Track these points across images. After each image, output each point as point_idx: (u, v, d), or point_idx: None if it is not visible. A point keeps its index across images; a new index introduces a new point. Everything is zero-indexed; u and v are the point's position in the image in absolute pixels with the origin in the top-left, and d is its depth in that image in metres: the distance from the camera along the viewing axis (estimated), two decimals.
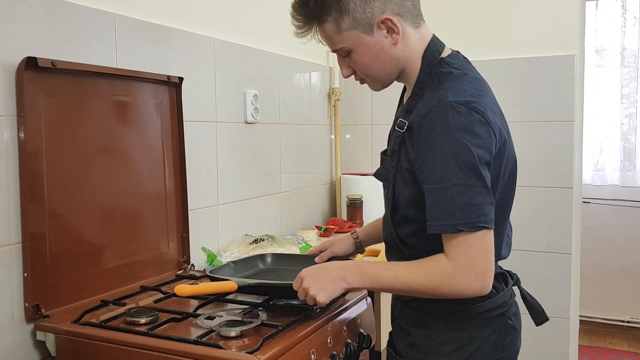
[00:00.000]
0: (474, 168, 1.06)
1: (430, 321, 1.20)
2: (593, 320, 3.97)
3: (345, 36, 1.17)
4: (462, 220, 1.05)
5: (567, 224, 2.45)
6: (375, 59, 1.19)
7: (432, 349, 1.19)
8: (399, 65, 1.20)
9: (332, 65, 2.78)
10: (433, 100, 1.11)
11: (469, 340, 1.17)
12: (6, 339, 1.29)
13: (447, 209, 1.06)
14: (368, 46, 1.17)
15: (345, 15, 1.14)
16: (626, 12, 3.84)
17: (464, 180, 1.05)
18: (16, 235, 1.31)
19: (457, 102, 1.08)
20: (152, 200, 1.65)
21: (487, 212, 1.06)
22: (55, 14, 1.40)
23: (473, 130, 1.07)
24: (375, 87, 1.27)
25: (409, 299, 1.23)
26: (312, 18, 1.19)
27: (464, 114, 1.07)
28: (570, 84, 2.42)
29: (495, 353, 1.18)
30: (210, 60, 1.95)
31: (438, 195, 1.07)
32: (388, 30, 1.16)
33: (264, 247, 1.96)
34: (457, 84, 1.13)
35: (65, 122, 1.39)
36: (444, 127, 1.07)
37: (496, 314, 1.19)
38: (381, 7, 1.14)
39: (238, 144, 2.10)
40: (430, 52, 1.20)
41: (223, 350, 1.11)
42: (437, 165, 1.07)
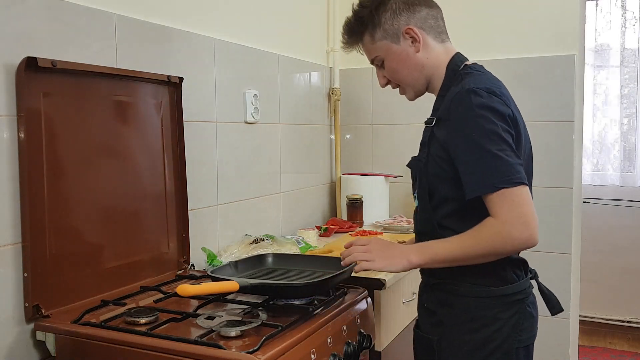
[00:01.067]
0: (500, 136, 1.21)
1: (455, 301, 1.32)
2: (593, 320, 3.97)
3: (378, 45, 1.40)
4: (500, 178, 1.18)
5: (567, 224, 2.45)
6: (402, 65, 1.39)
7: (456, 326, 1.32)
8: (424, 71, 1.39)
9: (332, 65, 2.78)
10: (457, 90, 1.29)
11: (491, 320, 1.29)
12: (6, 339, 1.29)
13: (484, 173, 1.20)
14: (396, 53, 1.38)
15: (378, 28, 1.38)
16: (626, 12, 3.84)
17: (494, 147, 1.20)
18: (16, 235, 1.31)
19: (478, 87, 1.25)
20: (152, 200, 1.65)
21: (519, 170, 1.20)
22: (55, 14, 1.40)
23: (493, 107, 1.23)
24: (409, 93, 1.46)
25: (436, 282, 1.36)
26: (354, 32, 1.43)
27: (484, 96, 1.24)
28: (570, 84, 2.42)
29: (515, 335, 1.29)
30: (210, 60, 1.95)
31: (473, 164, 1.22)
32: (412, 39, 1.37)
33: (264, 247, 1.96)
34: (477, 78, 1.32)
35: (65, 122, 1.39)
36: (467, 106, 1.23)
37: (516, 299, 1.31)
38: (406, 21, 1.37)
39: (238, 144, 2.10)
40: (454, 62, 1.39)
41: (223, 350, 1.11)
42: (467, 138, 1.23)
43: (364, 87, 2.82)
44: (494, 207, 1.20)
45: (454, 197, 1.30)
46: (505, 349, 1.29)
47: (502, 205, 1.19)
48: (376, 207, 2.63)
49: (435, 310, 1.37)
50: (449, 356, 1.33)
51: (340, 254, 1.42)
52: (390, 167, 2.76)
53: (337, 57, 2.79)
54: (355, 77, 2.83)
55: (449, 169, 1.29)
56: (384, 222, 2.51)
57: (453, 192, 1.29)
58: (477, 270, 1.29)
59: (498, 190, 1.18)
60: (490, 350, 1.29)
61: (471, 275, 1.30)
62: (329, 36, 2.77)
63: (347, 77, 2.83)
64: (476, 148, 1.21)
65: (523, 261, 1.38)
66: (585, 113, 3.29)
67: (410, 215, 2.66)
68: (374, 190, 2.64)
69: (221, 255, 1.90)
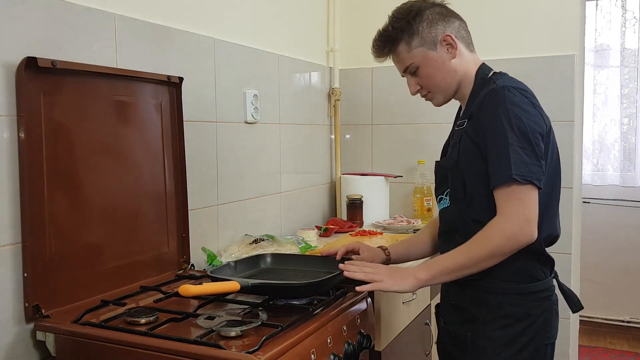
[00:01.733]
0: (525, 134, 1.29)
1: (489, 297, 1.36)
2: (593, 320, 3.97)
3: (413, 53, 1.45)
4: (516, 172, 1.25)
5: (567, 224, 2.45)
6: (438, 70, 1.45)
7: (490, 322, 1.36)
8: (456, 77, 1.46)
9: (332, 65, 2.78)
10: (490, 87, 1.37)
11: (524, 316, 1.34)
12: (6, 339, 1.29)
13: (504, 163, 1.27)
14: (432, 60, 1.45)
15: (415, 36, 1.44)
16: (626, 12, 3.84)
17: (518, 143, 1.28)
18: (16, 235, 1.31)
19: (512, 86, 1.35)
20: (152, 200, 1.65)
21: (536, 171, 1.27)
22: (55, 14, 1.40)
23: (524, 107, 1.32)
24: (438, 99, 1.51)
25: (466, 280, 1.36)
26: (390, 42, 1.47)
27: (517, 95, 1.33)
28: (570, 84, 2.42)
29: (544, 331, 1.36)
30: (210, 60, 1.95)
31: (497, 154, 1.29)
32: (448, 46, 1.44)
33: (263, 247, 1.96)
34: (510, 80, 1.42)
35: (65, 122, 1.39)
36: (500, 102, 1.32)
37: (545, 296, 1.38)
38: (442, 29, 1.44)
39: (238, 144, 2.10)
40: (482, 71, 1.47)
41: (223, 350, 1.11)
42: (495, 131, 1.30)
43: (364, 87, 2.82)
44: (501, 202, 1.28)
45: (486, 192, 1.34)
46: (536, 344, 1.35)
47: (508, 200, 1.27)
48: (376, 207, 2.63)
49: (467, 307, 1.41)
50: (482, 351, 1.37)
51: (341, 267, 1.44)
52: (390, 167, 2.76)
53: (337, 57, 2.78)
54: (355, 77, 2.83)
55: (480, 163, 1.35)
56: (384, 222, 2.51)
57: (483, 187, 1.35)
58: (509, 268, 1.33)
59: (511, 182, 1.26)
60: (521, 345, 1.34)
61: (503, 272, 1.34)
62: (329, 36, 2.77)
63: (347, 77, 2.83)
64: (502, 141, 1.29)
65: (551, 260, 1.42)
66: (585, 113, 3.29)
67: (410, 215, 2.68)
68: (374, 190, 2.64)
69: (221, 255, 1.90)
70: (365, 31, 2.94)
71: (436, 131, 2.61)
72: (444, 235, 1.50)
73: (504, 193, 1.28)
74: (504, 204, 1.28)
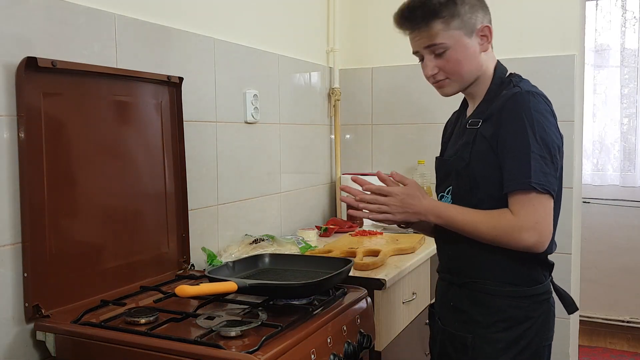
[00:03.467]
0: (546, 144, 1.28)
1: (490, 300, 1.36)
2: (593, 320, 3.97)
3: (450, 34, 1.36)
4: (535, 180, 1.24)
5: (567, 224, 2.45)
6: (467, 59, 1.39)
7: (490, 324, 1.35)
8: (478, 72, 1.42)
9: (332, 65, 2.78)
10: (514, 90, 1.34)
11: (524, 319, 1.35)
12: (6, 339, 1.29)
13: (524, 170, 1.25)
14: (465, 46, 1.38)
15: (456, 17, 1.36)
16: (626, 12, 3.84)
17: (539, 151, 1.26)
18: (16, 235, 1.31)
19: (536, 93, 1.33)
20: (152, 200, 1.65)
21: (552, 182, 1.27)
22: (55, 14, 1.40)
23: (547, 116, 1.31)
24: (452, 87, 1.44)
25: (467, 282, 1.39)
26: (429, 14, 1.36)
27: (541, 102, 1.32)
28: (570, 84, 2.42)
29: (543, 333, 1.37)
30: (210, 60, 1.95)
31: (517, 159, 1.27)
32: (482, 37, 1.40)
33: (263, 247, 1.96)
34: (530, 84, 1.40)
35: (65, 122, 1.39)
36: (525, 108, 1.29)
37: (543, 299, 1.38)
38: (482, 18, 1.40)
39: (238, 144, 2.10)
40: (500, 68, 1.45)
41: (223, 350, 1.11)
42: (517, 136, 1.28)
43: (364, 87, 2.82)
44: (517, 206, 1.27)
45: (498, 196, 1.33)
46: (535, 346, 1.36)
47: (524, 206, 1.26)
48: None
49: (466, 309, 1.40)
50: (483, 353, 1.36)
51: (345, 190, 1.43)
52: (390, 167, 2.76)
53: (337, 57, 2.78)
54: (355, 77, 2.83)
55: (495, 167, 1.33)
56: None
57: (496, 190, 1.33)
58: (513, 272, 1.35)
59: (530, 190, 1.25)
60: (522, 347, 1.35)
61: (507, 276, 1.36)
62: (329, 36, 2.77)
63: (347, 77, 2.83)
64: (524, 147, 1.27)
65: (552, 264, 1.44)
66: (585, 113, 3.29)
67: None
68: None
69: (221, 255, 1.90)
70: (365, 31, 2.95)
71: (436, 131, 2.58)
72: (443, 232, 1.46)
73: (521, 198, 1.27)
74: (518, 207, 1.27)
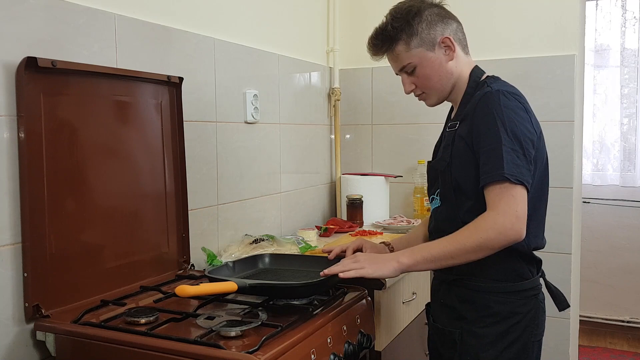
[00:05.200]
0: (518, 138, 1.30)
1: (476, 296, 1.39)
2: (593, 320, 3.97)
3: (412, 53, 1.46)
4: (508, 172, 1.27)
5: (567, 224, 2.45)
6: (435, 72, 1.46)
7: (478, 320, 1.38)
8: (452, 79, 1.48)
9: (332, 65, 2.78)
10: (485, 90, 1.38)
11: (510, 314, 1.37)
12: (6, 339, 1.29)
13: (497, 163, 1.28)
14: (430, 61, 1.46)
15: (414, 37, 1.44)
16: (626, 12, 3.84)
17: (511, 145, 1.29)
18: (16, 235, 1.31)
19: (506, 91, 1.36)
20: (152, 200, 1.65)
21: (526, 174, 1.29)
22: (55, 14, 1.40)
23: (517, 112, 1.34)
24: (432, 100, 1.52)
25: (456, 279, 1.42)
26: (388, 40, 1.47)
27: (511, 99, 1.35)
28: (570, 84, 2.42)
29: (531, 328, 1.38)
30: (210, 60, 1.95)
31: (490, 154, 1.30)
32: (446, 48, 1.45)
33: (263, 247, 1.96)
34: (503, 84, 1.43)
35: (65, 122, 1.39)
36: (495, 105, 1.33)
37: (532, 294, 1.40)
38: (441, 31, 1.45)
39: (238, 144, 2.10)
40: (475, 73, 1.49)
41: (223, 350, 1.11)
42: (489, 132, 1.32)
43: (364, 87, 2.82)
44: (493, 198, 1.29)
45: (476, 194, 1.36)
46: (523, 341, 1.38)
47: (501, 197, 1.28)
48: (376, 207, 2.63)
49: (455, 306, 1.43)
50: (470, 348, 1.39)
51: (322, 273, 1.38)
52: (390, 167, 2.76)
53: (337, 57, 2.78)
54: (355, 77, 2.83)
55: (473, 165, 1.36)
56: (384, 222, 2.51)
57: (475, 188, 1.36)
58: (497, 267, 1.37)
59: (503, 181, 1.27)
60: (509, 342, 1.37)
61: (491, 272, 1.38)
62: (329, 36, 2.77)
63: (347, 77, 2.83)
64: (495, 141, 1.30)
65: (538, 260, 1.45)
66: (585, 113, 3.29)
67: (410, 215, 2.68)
68: (374, 190, 2.63)
69: (221, 255, 1.90)
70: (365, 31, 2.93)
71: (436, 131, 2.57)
72: (434, 234, 1.49)
73: (496, 190, 1.28)
74: (495, 200, 1.28)
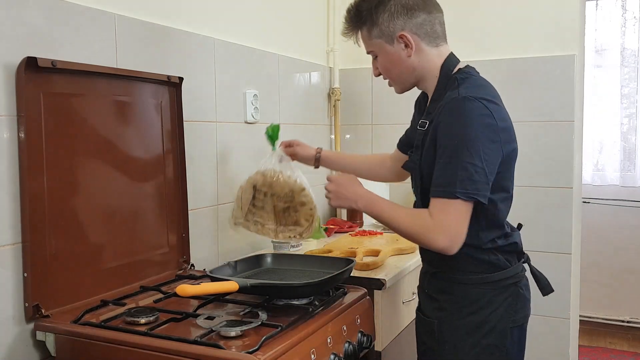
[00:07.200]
0: (477, 149, 1.29)
1: (454, 288, 1.44)
2: (593, 320, 3.97)
3: (373, 42, 1.48)
4: (461, 189, 1.28)
5: (567, 224, 2.45)
6: (393, 65, 1.47)
7: (456, 310, 1.43)
8: (414, 73, 1.47)
9: (332, 65, 2.78)
10: (453, 95, 1.36)
11: (486, 304, 1.40)
12: (6, 339, 1.29)
13: (450, 179, 1.29)
14: (389, 54, 1.46)
15: (375, 27, 1.45)
16: (626, 12, 3.84)
17: (469, 159, 1.28)
18: (16, 235, 1.31)
19: (473, 96, 1.33)
20: (152, 200, 1.65)
21: (481, 188, 1.30)
22: (55, 14, 1.40)
23: (483, 118, 1.31)
24: (396, 89, 1.56)
25: (436, 271, 1.48)
26: (354, 24, 1.51)
27: (477, 106, 1.31)
28: (570, 84, 2.42)
29: (509, 316, 1.41)
30: (210, 60, 1.95)
31: (445, 167, 1.31)
32: (404, 44, 1.43)
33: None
34: (473, 85, 1.39)
35: (65, 122, 1.39)
36: (460, 113, 1.32)
37: (509, 283, 1.42)
38: (401, 26, 1.42)
39: (238, 144, 2.10)
40: (446, 65, 1.45)
41: (223, 350, 1.11)
42: (449, 144, 1.31)
43: (364, 87, 2.82)
44: (435, 209, 1.32)
45: None
46: (500, 329, 1.41)
47: (442, 211, 1.31)
48: None
49: (436, 297, 1.48)
50: (448, 337, 1.43)
51: None
52: None
53: (337, 57, 2.78)
54: (355, 77, 2.82)
55: None
56: None
57: None
58: (474, 261, 1.41)
59: (452, 197, 1.29)
60: (486, 330, 1.40)
61: (469, 265, 1.42)
62: (329, 36, 2.77)
63: (347, 77, 2.83)
64: (453, 155, 1.30)
65: (517, 249, 1.47)
66: (585, 113, 3.29)
67: None
68: (374, 190, 2.59)
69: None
70: None
71: None
72: None
73: (442, 203, 1.31)
74: (438, 213, 1.31)
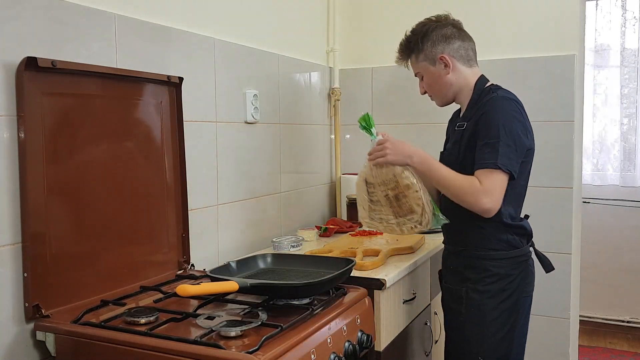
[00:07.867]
0: (513, 135, 1.62)
1: (477, 262, 1.73)
2: (593, 320, 3.97)
3: (419, 65, 1.82)
4: (502, 162, 1.59)
5: (567, 224, 2.45)
6: (435, 82, 1.81)
7: (479, 280, 1.72)
8: (452, 89, 1.80)
9: (332, 65, 2.78)
10: (492, 95, 1.69)
11: (505, 275, 1.70)
12: (6, 339, 1.29)
13: (493, 154, 1.60)
14: (431, 73, 1.80)
15: (421, 52, 1.80)
16: (626, 12, 3.84)
17: (506, 140, 1.61)
18: (16, 235, 1.31)
19: (510, 97, 1.69)
20: (152, 201, 1.65)
21: (515, 165, 1.62)
22: (55, 14, 1.40)
23: (516, 116, 1.66)
24: (437, 102, 1.88)
25: (462, 250, 1.77)
26: (405, 53, 1.86)
27: (513, 105, 1.67)
28: (570, 84, 2.42)
29: (522, 286, 1.73)
30: (210, 60, 1.95)
31: (488, 146, 1.62)
32: (444, 64, 1.77)
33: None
34: (506, 91, 1.74)
35: (65, 122, 1.39)
36: (498, 107, 1.66)
37: (521, 260, 1.74)
38: (441, 50, 1.77)
39: (238, 144, 2.10)
40: (480, 82, 1.79)
41: (223, 350, 1.11)
42: (491, 129, 1.63)
43: (364, 87, 2.82)
44: (483, 176, 1.61)
45: None
46: (516, 296, 1.71)
47: (490, 179, 1.60)
48: None
49: (461, 270, 1.76)
50: (474, 301, 1.72)
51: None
52: None
53: (337, 57, 2.78)
54: (355, 77, 2.83)
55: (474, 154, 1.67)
56: None
57: None
58: (492, 239, 1.70)
59: (495, 168, 1.59)
60: (506, 296, 1.70)
61: (489, 243, 1.71)
62: (329, 36, 2.77)
63: (347, 77, 2.83)
64: (494, 136, 1.61)
65: (528, 232, 1.76)
66: (585, 113, 3.29)
67: None
68: None
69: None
70: (365, 31, 2.95)
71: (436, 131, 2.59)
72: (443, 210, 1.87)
73: (488, 172, 1.61)
74: (485, 180, 1.60)
